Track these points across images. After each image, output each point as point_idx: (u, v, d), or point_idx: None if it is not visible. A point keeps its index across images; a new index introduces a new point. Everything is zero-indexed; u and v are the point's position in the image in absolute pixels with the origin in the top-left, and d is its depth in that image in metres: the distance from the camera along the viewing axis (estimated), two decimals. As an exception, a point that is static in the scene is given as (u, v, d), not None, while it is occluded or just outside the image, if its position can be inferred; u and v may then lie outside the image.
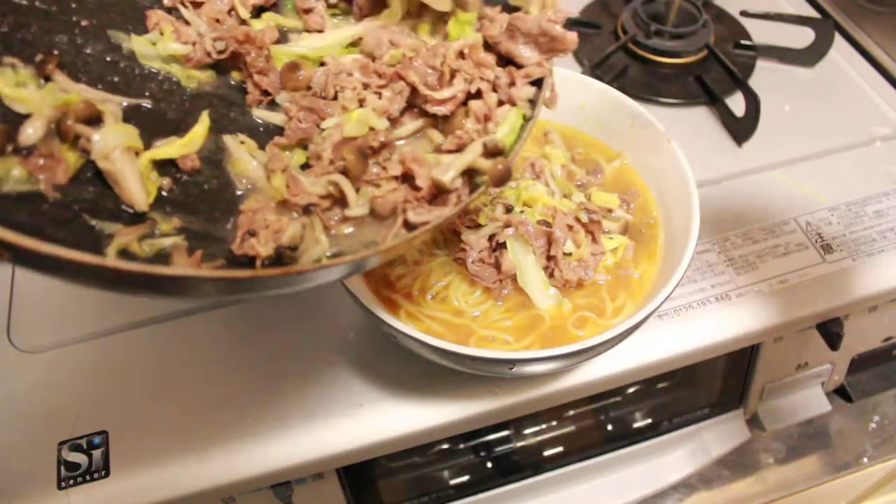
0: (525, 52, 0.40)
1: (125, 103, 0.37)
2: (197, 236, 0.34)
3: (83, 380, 0.53)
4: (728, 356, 0.61)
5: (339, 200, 0.37)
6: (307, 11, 0.44)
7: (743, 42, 0.78)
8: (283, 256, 0.34)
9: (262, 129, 0.41)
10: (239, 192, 0.38)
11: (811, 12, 0.84)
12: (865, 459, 0.72)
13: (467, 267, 0.48)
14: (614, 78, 0.74)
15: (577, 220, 0.50)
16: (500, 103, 0.40)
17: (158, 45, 0.40)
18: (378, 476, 0.59)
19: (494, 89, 0.40)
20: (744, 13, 0.81)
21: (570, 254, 0.49)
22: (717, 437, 0.69)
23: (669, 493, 0.70)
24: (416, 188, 0.37)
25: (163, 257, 0.32)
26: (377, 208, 0.37)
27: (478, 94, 0.40)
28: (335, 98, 0.39)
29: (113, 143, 0.33)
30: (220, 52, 0.40)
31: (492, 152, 0.37)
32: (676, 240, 0.49)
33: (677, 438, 0.69)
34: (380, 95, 0.39)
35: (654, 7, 0.79)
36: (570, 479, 0.67)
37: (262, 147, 0.39)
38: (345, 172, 0.37)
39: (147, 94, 0.38)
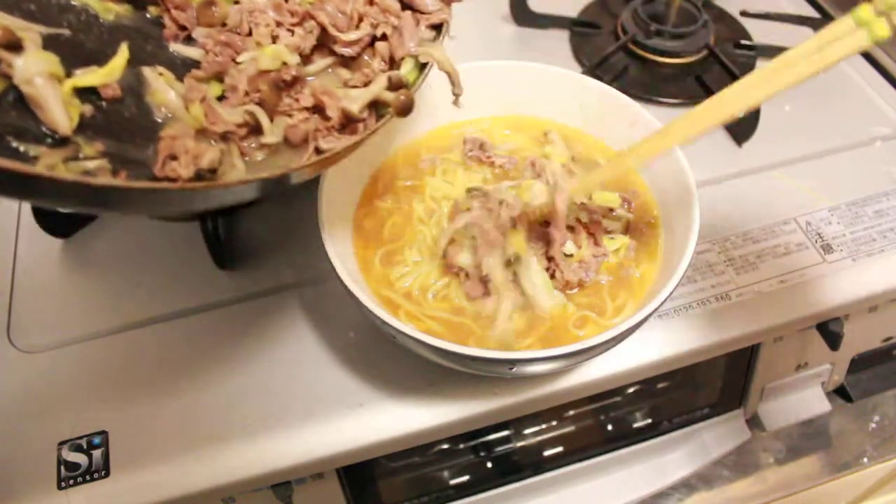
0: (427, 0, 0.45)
1: (44, 32, 0.38)
2: (119, 160, 0.36)
3: (83, 380, 0.53)
4: (728, 356, 0.61)
5: (255, 129, 0.40)
6: None
7: (743, 42, 0.78)
8: (202, 179, 0.37)
9: (178, 62, 0.43)
10: (159, 121, 0.40)
11: (811, 12, 0.84)
12: (865, 459, 0.72)
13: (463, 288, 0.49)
14: (614, 78, 0.74)
15: (578, 220, 0.50)
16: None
17: None
18: (378, 476, 0.59)
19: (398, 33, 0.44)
20: (744, 13, 0.81)
21: (570, 255, 0.49)
22: (717, 437, 0.69)
23: (669, 493, 0.70)
24: (327, 118, 0.41)
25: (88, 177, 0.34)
26: (290, 136, 0.40)
27: (383, 38, 0.44)
28: (249, 34, 0.42)
29: (35, 69, 0.34)
30: None
31: (396, 86, 0.42)
32: (676, 240, 0.49)
33: (677, 438, 0.69)
34: (292, 33, 0.43)
35: (654, 7, 0.79)
36: (570, 479, 0.67)
37: (179, 79, 0.41)
38: (259, 104, 0.40)
39: (65, 24, 0.40)
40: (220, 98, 0.41)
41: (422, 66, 0.44)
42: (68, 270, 0.60)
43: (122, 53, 0.40)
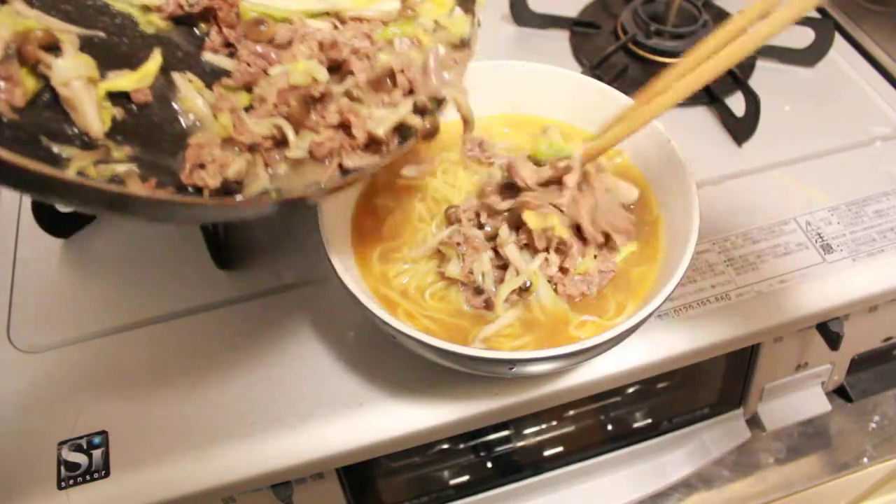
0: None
1: (80, 33, 0.38)
2: (147, 165, 0.36)
3: (83, 380, 0.53)
4: (728, 356, 0.61)
5: (280, 143, 0.40)
6: None
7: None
8: (228, 189, 0.37)
9: (208, 71, 0.43)
10: (186, 128, 0.40)
11: (811, 12, 0.84)
12: (865, 459, 0.72)
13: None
14: (614, 78, 0.74)
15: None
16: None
17: None
18: (378, 476, 0.59)
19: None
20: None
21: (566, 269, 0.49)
22: (717, 437, 0.69)
23: (669, 493, 0.70)
24: (352, 137, 0.41)
25: (117, 181, 0.34)
26: (315, 152, 0.40)
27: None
28: (286, 49, 0.43)
29: (74, 71, 0.35)
30: (192, 6, 0.42)
31: (421, 110, 0.42)
32: (676, 240, 0.49)
33: (677, 438, 0.69)
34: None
35: (654, 7, 0.79)
36: (570, 478, 0.67)
37: (209, 88, 0.42)
38: (287, 118, 0.40)
39: (100, 26, 0.40)
40: (247, 109, 0.41)
41: (439, 101, 0.44)
42: (68, 270, 0.60)
43: (156, 59, 0.40)
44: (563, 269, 0.48)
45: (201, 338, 0.55)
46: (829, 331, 0.60)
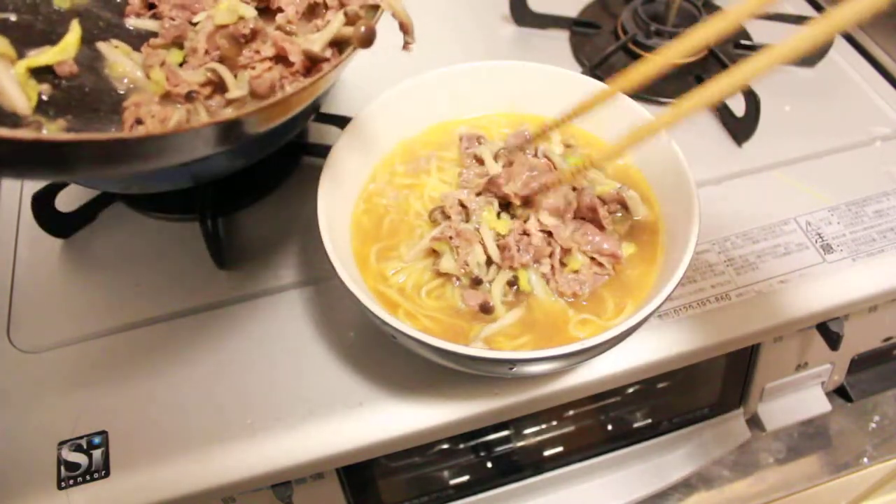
0: None
1: None
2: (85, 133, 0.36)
3: (83, 380, 0.53)
4: (728, 356, 0.61)
5: (220, 87, 0.40)
6: None
7: (743, 42, 0.78)
8: None
9: (135, 35, 0.43)
10: (121, 92, 0.40)
11: (811, 12, 0.84)
12: (865, 459, 0.72)
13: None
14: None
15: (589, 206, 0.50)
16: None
17: None
18: (378, 476, 0.59)
19: None
20: (744, 13, 0.81)
21: (565, 265, 0.49)
22: (717, 437, 0.69)
23: (669, 493, 0.70)
24: (290, 64, 0.40)
25: None
26: (256, 87, 0.39)
27: None
28: None
29: None
30: None
31: (353, 20, 0.41)
32: (676, 240, 0.49)
33: (677, 438, 0.69)
34: None
35: (654, 7, 0.79)
36: (570, 479, 0.67)
37: (138, 51, 0.41)
38: (221, 61, 0.39)
39: (10, 8, 0.39)
40: (182, 64, 0.41)
41: (374, 8, 0.43)
42: (68, 270, 0.60)
43: (74, 30, 0.40)
44: (553, 267, 0.48)
45: (201, 338, 0.55)
46: (829, 331, 0.60)
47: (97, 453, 0.49)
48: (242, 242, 0.62)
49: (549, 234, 0.50)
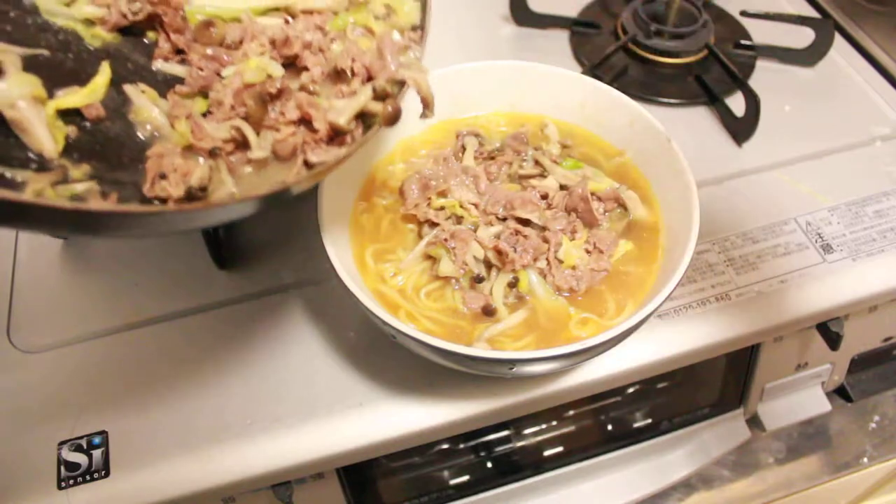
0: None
1: (22, 53, 0.37)
2: (108, 182, 0.35)
3: (83, 380, 0.53)
4: (728, 356, 0.61)
5: (242, 144, 0.39)
6: None
7: (743, 42, 0.78)
8: (192, 197, 0.36)
9: (161, 80, 0.42)
10: (144, 140, 0.39)
11: (811, 12, 0.84)
12: (865, 459, 0.72)
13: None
14: (614, 78, 0.74)
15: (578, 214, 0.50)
16: None
17: (73, 9, 0.40)
18: (378, 476, 0.59)
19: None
20: (744, 13, 0.81)
21: (562, 260, 0.49)
22: (717, 437, 0.69)
23: (669, 493, 0.70)
24: (314, 130, 0.40)
25: (78, 201, 0.33)
26: (278, 150, 0.39)
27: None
28: (237, 48, 0.42)
29: (17, 92, 0.34)
30: (135, 14, 0.41)
31: (381, 96, 0.41)
32: (676, 240, 0.49)
33: (677, 438, 0.69)
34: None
35: (654, 7, 0.79)
36: (570, 479, 0.67)
37: (163, 97, 0.41)
38: (245, 118, 0.39)
39: (43, 44, 0.39)
40: (206, 114, 0.41)
41: (399, 84, 0.43)
42: (68, 270, 0.60)
43: (104, 72, 0.39)
44: (549, 262, 0.48)
45: (201, 338, 0.55)
46: (829, 331, 0.60)
47: (97, 453, 0.49)
48: (242, 242, 0.62)
49: (544, 229, 0.50)
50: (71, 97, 0.37)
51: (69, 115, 0.37)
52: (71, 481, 0.48)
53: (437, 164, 0.55)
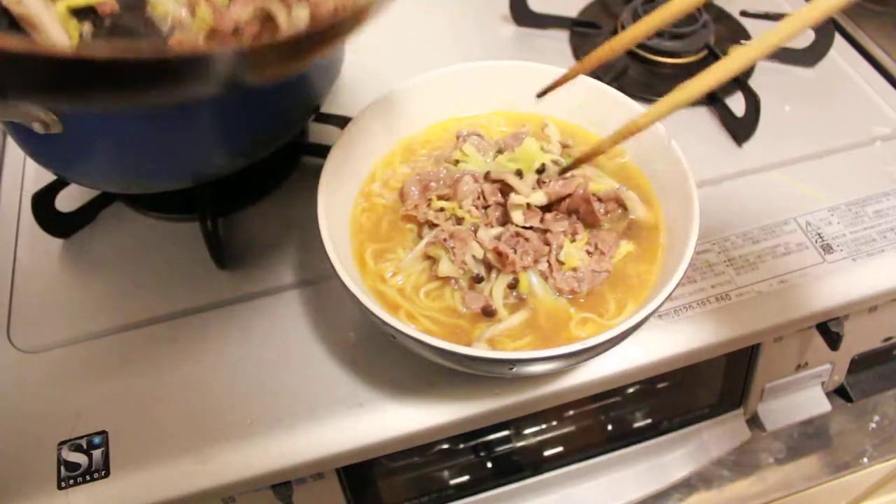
0: None
1: None
2: None
3: (83, 380, 0.53)
4: (728, 356, 0.61)
5: (269, 27, 0.36)
6: None
7: (743, 42, 0.78)
8: None
9: None
10: (165, 34, 0.38)
11: (811, 12, 0.84)
12: (865, 459, 0.72)
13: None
14: (614, 78, 0.74)
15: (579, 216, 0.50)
16: None
17: None
18: (378, 476, 0.59)
19: None
20: (744, 13, 0.81)
21: (562, 262, 0.49)
22: (717, 437, 0.69)
23: (669, 493, 0.70)
24: None
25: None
26: (317, 6, 0.36)
27: None
28: None
29: None
30: None
31: None
32: (676, 240, 0.49)
33: (677, 438, 0.68)
34: None
35: (654, 7, 0.78)
36: (570, 479, 0.67)
37: None
38: None
39: None
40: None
41: None
42: (68, 270, 0.60)
43: None
44: (550, 264, 0.48)
45: (201, 338, 0.55)
46: (829, 331, 0.60)
47: (97, 453, 0.49)
48: (242, 242, 0.62)
49: (545, 231, 0.50)
50: None
51: (83, 14, 0.36)
52: (71, 481, 0.48)
53: (438, 165, 0.55)
